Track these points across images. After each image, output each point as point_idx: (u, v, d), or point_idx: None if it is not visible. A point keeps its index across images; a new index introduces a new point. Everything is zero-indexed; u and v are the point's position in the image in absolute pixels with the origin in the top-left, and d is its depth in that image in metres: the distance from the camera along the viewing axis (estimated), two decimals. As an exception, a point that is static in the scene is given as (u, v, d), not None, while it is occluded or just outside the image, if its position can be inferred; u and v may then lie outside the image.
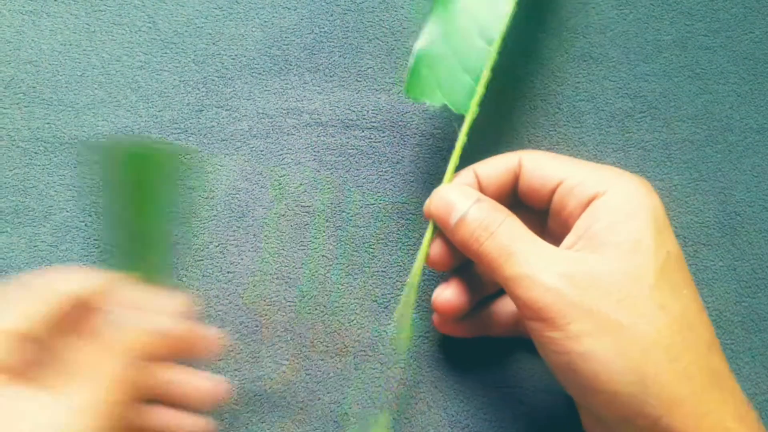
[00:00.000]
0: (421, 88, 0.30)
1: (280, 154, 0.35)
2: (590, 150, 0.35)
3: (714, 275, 0.34)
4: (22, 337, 0.25)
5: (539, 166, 0.29)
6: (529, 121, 0.35)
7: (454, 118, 0.31)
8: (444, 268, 0.31)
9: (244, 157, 0.35)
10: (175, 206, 0.33)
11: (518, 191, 0.30)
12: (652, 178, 0.34)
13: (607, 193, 0.27)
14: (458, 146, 0.30)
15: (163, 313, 0.28)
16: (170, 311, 0.28)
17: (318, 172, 0.35)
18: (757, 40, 0.36)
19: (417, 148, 0.35)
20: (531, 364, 0.33)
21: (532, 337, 0.27)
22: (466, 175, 0.30)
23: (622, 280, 0.25)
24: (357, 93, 0.35)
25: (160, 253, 0.31)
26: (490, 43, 0.30)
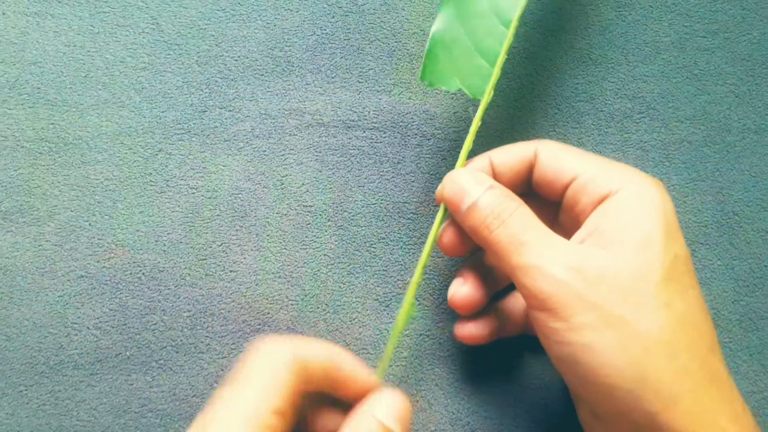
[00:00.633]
0: (437, 74, 0.30)
1: (283, 155, 0.35)
2: (589, 150, 0.35)
3: (712, 274, 0.34)
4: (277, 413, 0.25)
5: (554, 159, 0.29)
6: (528, 122, 0.35)
7: (470, 103, 0.31)
8: (456, 253, 0.31)
9: (247, 158, 0.35)
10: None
11: (532, 182, 0.30)
12: (651, 178, 0.35)
13: (620, 192, 0.27)
14: (472, 130, 0.30)
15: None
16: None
17: (320, 172, 0.35)
18: (754, 42, 0.36)
19: (418, 149, 0.35)
20: (532, 362, 0.34)
21: (535, 328, 0.27)
22: (481, 161, 0.30)
23: (629, 277, 0.26)
24: (358, 94, 0.35)
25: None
26: (507, 24, 0.30)
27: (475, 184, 0.29)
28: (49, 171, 0.34)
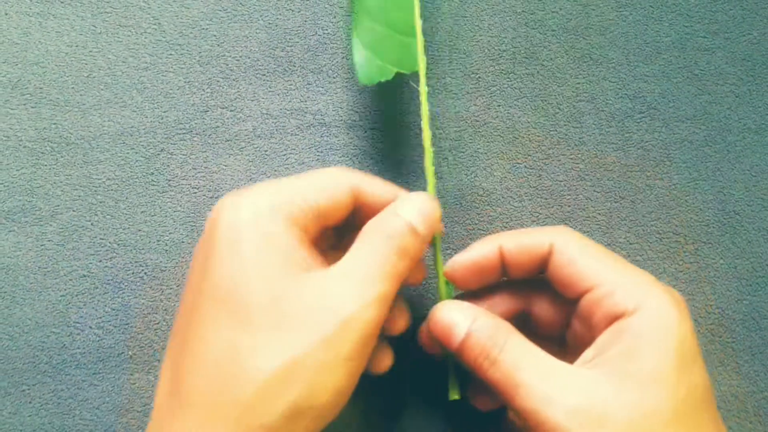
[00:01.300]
0: (371, 71, 0.31)
1: (284, 155, 0.35)
2: (590, 150, 0.35)
3: (715, 273, 0.34)
4: (320, 212, 0.27)
5: (570, 264, 0.27)
6: (530, 122, 0.35)
7: (411, 78, 0.31)
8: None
9: (248, 157, 0.35)
10: None
11: (547, 276, 0.29)
12: (652, 177, 0.35)
13: (635, 314, 0.26)
14: (423, 100, 0.31)
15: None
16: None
17: (321, 172, 0.35)
18: (755, 42, 0.36)
19: (419, 149, 0.35)
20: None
21: None
22: (489, 246, 0.29)
23: (635, 416, 0.24)
24: (360, 94, 0.35)
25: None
26: None
27: (462, 318, 0.27)
28: (52, 171, 0.35)
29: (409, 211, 0.27)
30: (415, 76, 0.31)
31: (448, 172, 0.35)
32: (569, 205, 0.35)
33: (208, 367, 0.24)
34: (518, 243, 0.28)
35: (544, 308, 0.30)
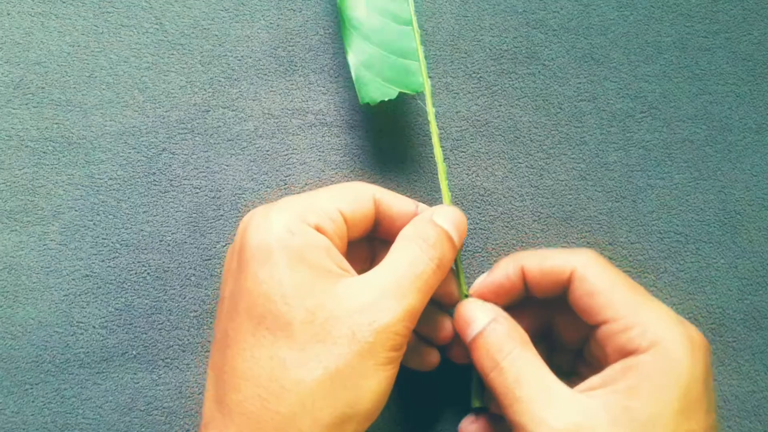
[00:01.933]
0: (373, 92, 0.31)
1: (286, 154, 0.35)
2: (591, 149, 0.35)
3: (716, 273, 0.34)
4: (348, 223, 0.28)
5: (588, 294, 0.27)
6: (531, 121, 0.35)
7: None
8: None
9: (250, 157, 0.35)
10: None
11: (568, 300, 0.29)
12: (653, 177, 0.35)
13: (648, 352, 0.26)
14: (432, 119, 0.31)
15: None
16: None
17: (323, 172, 0.35)
18: (755, 42, 0.36)
19: (420, 148, 0.35)
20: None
21: None
22: (512, 270, 0.29)
23: None
24: (362, 93, 0.36)
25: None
26: (408, 22, 0.32)
27: (480, 317, 0.28)
28: (54, 170, 0.35)
29: (445, 220, 0.28)
30: (419, 95, 0.31)
31: (450, 172, 0.35)
32: (571, 205, 0.35)
33: (249, 381, 0.25)
34: (540, 266, 0.29)
35: (567, 322, 0.30)
